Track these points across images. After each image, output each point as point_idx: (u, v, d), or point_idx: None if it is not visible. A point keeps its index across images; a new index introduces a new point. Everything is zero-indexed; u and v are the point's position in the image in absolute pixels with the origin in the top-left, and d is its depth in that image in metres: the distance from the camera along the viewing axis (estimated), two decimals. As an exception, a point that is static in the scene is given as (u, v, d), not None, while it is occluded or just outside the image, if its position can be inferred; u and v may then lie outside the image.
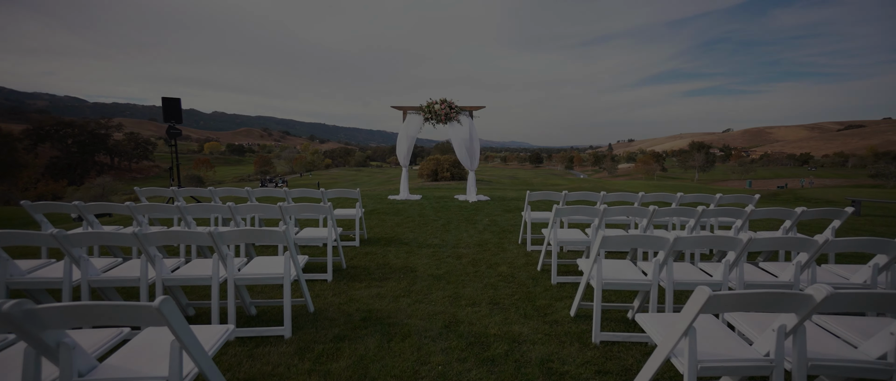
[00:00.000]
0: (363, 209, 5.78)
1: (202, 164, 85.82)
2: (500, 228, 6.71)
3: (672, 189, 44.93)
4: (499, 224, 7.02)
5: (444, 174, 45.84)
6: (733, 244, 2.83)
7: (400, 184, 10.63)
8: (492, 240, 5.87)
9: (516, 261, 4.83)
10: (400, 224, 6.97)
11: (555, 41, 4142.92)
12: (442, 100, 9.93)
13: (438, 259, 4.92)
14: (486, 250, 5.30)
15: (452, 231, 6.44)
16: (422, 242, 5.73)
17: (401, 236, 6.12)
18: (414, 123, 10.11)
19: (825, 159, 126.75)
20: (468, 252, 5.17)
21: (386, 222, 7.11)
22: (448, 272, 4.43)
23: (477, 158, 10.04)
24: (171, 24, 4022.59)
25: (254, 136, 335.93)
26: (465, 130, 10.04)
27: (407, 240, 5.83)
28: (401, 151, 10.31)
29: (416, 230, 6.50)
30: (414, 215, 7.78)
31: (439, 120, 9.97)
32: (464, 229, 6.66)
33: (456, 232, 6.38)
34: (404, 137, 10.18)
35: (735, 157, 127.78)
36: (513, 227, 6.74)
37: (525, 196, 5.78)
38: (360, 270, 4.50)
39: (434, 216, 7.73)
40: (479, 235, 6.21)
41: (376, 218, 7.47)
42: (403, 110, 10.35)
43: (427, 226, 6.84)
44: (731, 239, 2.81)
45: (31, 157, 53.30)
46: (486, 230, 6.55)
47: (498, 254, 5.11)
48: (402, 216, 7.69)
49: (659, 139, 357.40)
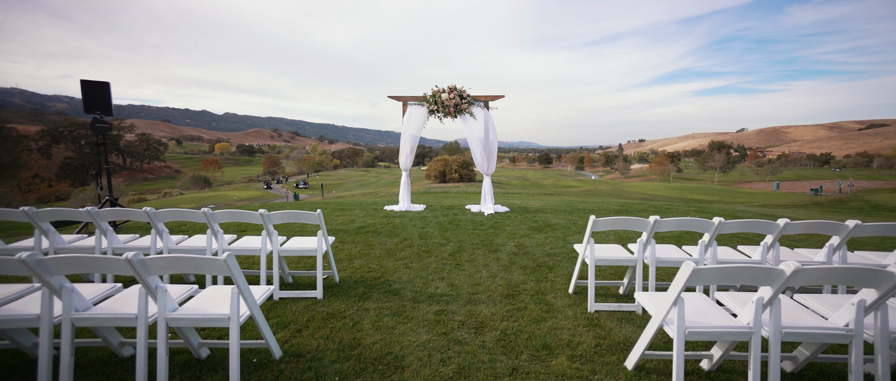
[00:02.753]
0: (330, 240, 3.89)
1: (210, 164, 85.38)
2: (532, 259, 4.79)
3: (693, 191, 42.42)
4: (529, 252, 5.10)
5: (452, 175, 44.11)
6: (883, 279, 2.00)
7: (400, 191, 8.75)
8: (526, 284, 3.96)
9: (578, 338, 2.90)
10: (393, 252, 5.09)
11: (563, 40, 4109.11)
12: (450, 87, 8.02)
13: (445, 332, 3.00)
14: (521, 308, 3.38)
15: (466, 267, 4.54)
16: (420, 289, 3.83)
17: (390, 275, 4.23)
18: (416, 117, 8.22)
19: (847, 160, 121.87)
20: (493, 314, 3.26)
21: (374, 249, 5.23)
22: (462, 371, 2.51)
23: (495, 159, 8.17)
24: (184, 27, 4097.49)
25: (264, 137, 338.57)
26: (479, 124, 8.12)
27: (398, 285, 3.94)
28: (402, 152, 8.42)
29: (413, 264, 4.61)
30: (413, 237, 5.89)
31: (447, 113, 8.06)
32: (482, 261, 4.75)
33: (471, 268, 4.48)
34: (406, 135, 8.30)
35: (751, 157, 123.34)
36: (550, 258, 4.81)
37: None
38: (301, 363, 2.55)
39: (440, 238, 5.83)
40: (506, 273, 4.30)
41: (362, 242, 5.60)
42: (403, 101, 8.47)
43: (430, 255, 4.96)
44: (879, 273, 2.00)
45: (35, 158, 52.64)
46: (513, 264, 4.63)
47: (544, 319, 3.18)
48: (397, 238, 5.81)
49: (670, 139, 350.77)
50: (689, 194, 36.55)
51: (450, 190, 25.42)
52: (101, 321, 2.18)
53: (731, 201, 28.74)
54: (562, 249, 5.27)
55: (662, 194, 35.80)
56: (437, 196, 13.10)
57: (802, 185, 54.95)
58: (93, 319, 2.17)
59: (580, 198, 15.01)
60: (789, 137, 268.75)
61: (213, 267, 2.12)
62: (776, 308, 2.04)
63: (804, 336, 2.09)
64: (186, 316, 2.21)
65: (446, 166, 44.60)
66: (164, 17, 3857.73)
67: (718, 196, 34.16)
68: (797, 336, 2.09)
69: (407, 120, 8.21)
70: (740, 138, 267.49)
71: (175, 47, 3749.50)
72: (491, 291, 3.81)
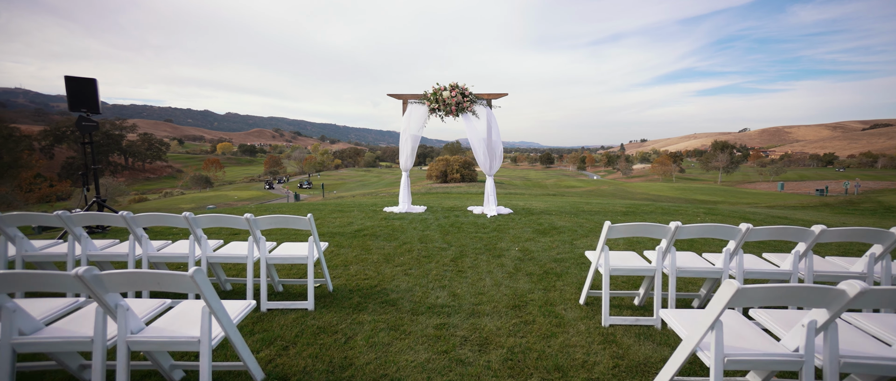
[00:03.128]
0: (323, 246, 3.61)
1: (212, 164, 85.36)
2: (539, 265, 4.51)
3: (697, 192, 42.05)
4: (535, 258, 4.82)
5: (453, 175, 43.85)
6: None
7: (399, 192, 8.48)
8: (533, 293, 3.68)
9: (594, 357, 2.60)
10: (391, 257, 4.82)
11: (565, 40, 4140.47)
12: (452, 85, 7.74)
13: (446, 350, 2.72)
14: (528, 321, 3.09)
15: (468, 273, 4.26)
16: (419, 299, 3.55)
17: (388, 283, 3.95)
18: (417, 116, 7.95)
19: (851, 160, 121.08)
20: (499, 329, 2.97)
21: (371, 254, 4.96)
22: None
23: (498, 159, 7.88)
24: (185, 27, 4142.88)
25: (266, 136, 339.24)
26: (482, 124, 7.83)
27: (396, 294, 3.65)
28: (402, 152, 8.15)
29: (412, 271, 4.34)
30: (413, 241, 5.62)
31: (449, 112, 7.78)
32: (485, 267, 4.48)
33: (474, 275, 4.20)
34: (406, 134, 8.03)
35: (753, 157, 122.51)
36: (558, 264, 4.53)
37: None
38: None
39: (441, 242, 5.56)
40: (511, 281, 4.02)
41: (360, 246, 5.33)
42: (403, 100, 8.19)
43: (431, 261, 4.68)
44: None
45: (36, 157, 52.58)
46: (518, 271, 4.35)
47: (554, 334, 2.88)
48: (396, 242, 5.53)
49: (672, 139, 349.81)
50: (693, 194, 36.21)
51: (451, 190, 25.16)
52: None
53: (736, 202, 28.40)
54: (569, 254, 5.00)
55: (666, 195, 35.47)
56: (439, 197, 12.84)
57: (807, 185, 54.48)
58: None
59: (584, 199, 14.74)
60: (792, 137, 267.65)
61: (179, 283, 1.81)
62: (832, 334, 1.76)
63: (869, 369, 1.79)
64: (151, 339, 1.94)
65: (448, 166, 44.34)
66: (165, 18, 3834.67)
67: (723, 197, 33.82)
68: (860, 368, 1.80)
69: (407, 119, 7.94)
70: (743, 138, 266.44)
71: (177, 47, 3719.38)
72: (495, 301, 3.53)
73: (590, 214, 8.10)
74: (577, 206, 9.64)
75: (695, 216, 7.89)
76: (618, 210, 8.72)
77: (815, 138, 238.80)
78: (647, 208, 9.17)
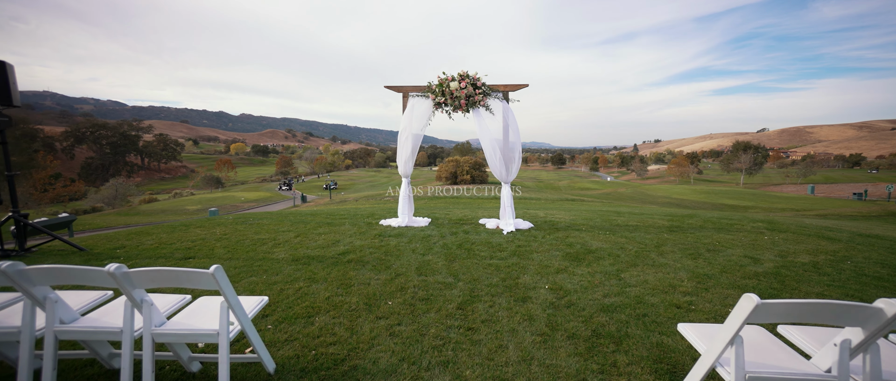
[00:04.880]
0: (253, 306, 2.32)
1: (224, 165, 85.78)
2: (582, 317, 3.12)
3: (722, 195, 39.76)
4: (575, 304, 3.46)
5: (463, 177, 42.60)
6: None
7: (399, 199, 7.20)
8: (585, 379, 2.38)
9: None
10: (375, 301, 3.51)
11: (576, 40, 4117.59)
12: (461, 74, 6.45)
13: None
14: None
15: (482, 334, 2.93)
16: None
17: (363, 353, 2.59)
18: (420, 111, 6.66)
19: (880, 161, 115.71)
20: None
21: (350, 295, 3.67)
22: None
23: (517, 163, 6.53)
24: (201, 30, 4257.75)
25: (278, 137, 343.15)
26: (497, 121, 6.51)
27: (369, 379, 2.49)
28: (400, 155, 6.87)
29: (402, 328, 2.98)
30: (409, 271, 4.33)
31: (457, 106, 6.49)
32: (506, 320, 3.15)
33: (490, 337, 2.85)
34: (406, 133, 6.76)
35: (773, 158, 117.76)
36: (609, 317, 3.11)
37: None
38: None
39: (446, 274, 4.25)
40: (546, 350, 2.63)
41: (338, 279, 4.05)
42: (403, 93, 6.93)
43: (429, 307, 3.37)
44: None
45: (50, 158, 53.10)
46: (555, 329, 2.99)
47: None
48: (387, 274, 4.25)
49: (687, 140, 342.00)
50: (719, 198, 34.12)
51: (461, 196, 23.86)
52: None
53: (769, 207, 26.41)
54: (620, 296, 3.65)
55: (690, 199, 33.50)
56: (446, 204, 11.54)
57: (839, 188, 51.42)
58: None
59: (611, 207, 13.25)
60: (814, 138, 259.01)
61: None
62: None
63: None
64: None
65: (458, 168, 43.10)
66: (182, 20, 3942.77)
67: (752, 201, 31.69)
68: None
69: (408, 115, 6.66)
70: (761, 139, 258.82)
71: (193, 49, 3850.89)
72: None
73: (627, 230, 6.71)
74: (608, 218, 8.24)
75: (758, 234, 6.44)
76: (659, 225, 7.30)
77: (840, 138, 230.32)
78: (692, 222, 7.71)
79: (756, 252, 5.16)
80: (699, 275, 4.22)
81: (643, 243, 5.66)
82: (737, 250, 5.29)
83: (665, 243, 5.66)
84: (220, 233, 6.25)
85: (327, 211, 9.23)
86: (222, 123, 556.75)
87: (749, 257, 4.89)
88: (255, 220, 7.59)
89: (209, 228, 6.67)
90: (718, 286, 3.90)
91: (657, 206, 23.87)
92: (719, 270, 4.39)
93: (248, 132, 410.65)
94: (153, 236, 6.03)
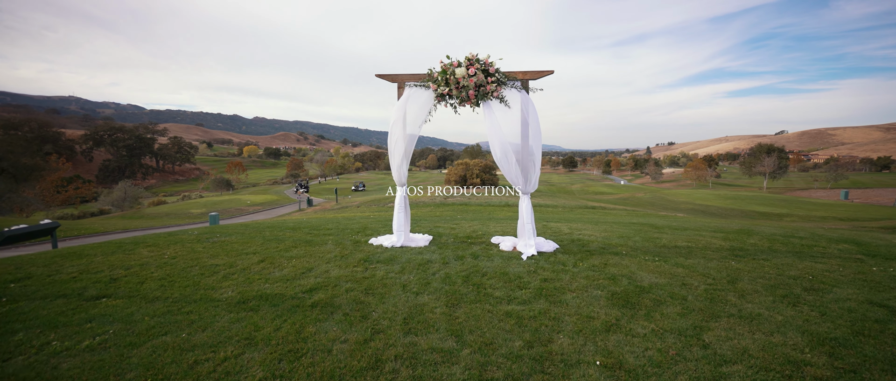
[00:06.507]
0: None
1: (235, 167, 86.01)
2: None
3: (750, 201, 37.45)
4: (638, 374, 2.20)
5: (473, 180, 41.24)
6: None
7: (393, 216, 5.92)
8: None
9: None
10: (341, 375, 2.29)
11: (587, 41, 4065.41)
12: (470, 58, 5.16)
13: None
14: None
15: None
16: None
17: None
18: (418, 105, 5.40)
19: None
20: None
21: (299, 364, 2.47)
22: None
23: (537, 169, 5.20)
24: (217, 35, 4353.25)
25: (291, 140, 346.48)
26: (513, 116, 5.19)
27: None
28: (393, 159, 5.59)
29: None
30: (394, 324, 3.06)
31: (465, 99, 5.20)
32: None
33: None
34: (398, 131, 5.48)
35: (794, 161, 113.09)
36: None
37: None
38: None
39: (445, 330, 2.97)
40: None
41: (292, 335, 2.81)
42: (398, 83, 5.67)
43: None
44: None
45: (61, 161, 53.34)
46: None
47: None
48: (361, 328, 2.99)
49: (702, 142, 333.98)
50: (747, 204, 31.99)
51: (471, 201, 22.48)
52: None
53: (807, 215, 24.39)
54: None
55: (716, 205, 31.49)
56: (453, 212, 10.22)
57: (875, 194, 48.39)
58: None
59: (645, 219, 11.76)
60: (837, 140, 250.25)
61: None
62: None
63: None
64: None
65: (467, 171, 41.77)
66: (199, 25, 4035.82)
67: (785, 208, 29.54)
68: None
69: (401, 109, 5.36)
70: (780, 141, 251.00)
71: (208, 54, 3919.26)
72: None
73: (678, 253, 5.29)
74: (647, 235, 6.79)
75: (856, 261, 4.98)
76: (716, 246, 5.86)
77: (865, 140, 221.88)
78: (755, 242, 6.25)
79: (879, 295, 3.72)
80: (822, 339, 2.83)
81: (709, 275, 4.27)
82: (847, 290, 3.85)
83: (739, 276, 4.25)
84: (169, 255, 5.06)
85: (312, 223, 8.00)
86: (236, 125, 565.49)
87: (878, 306, 3.45)
88: (223, 235, 6.39)
89: (161, 248, 5.49)
90: (868, 366, 2.51)
91: (683, 214, 22.10)
92: (848, 330, 2.98)
93: (261, 135, 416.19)
94: (85, 259, 4.86)
